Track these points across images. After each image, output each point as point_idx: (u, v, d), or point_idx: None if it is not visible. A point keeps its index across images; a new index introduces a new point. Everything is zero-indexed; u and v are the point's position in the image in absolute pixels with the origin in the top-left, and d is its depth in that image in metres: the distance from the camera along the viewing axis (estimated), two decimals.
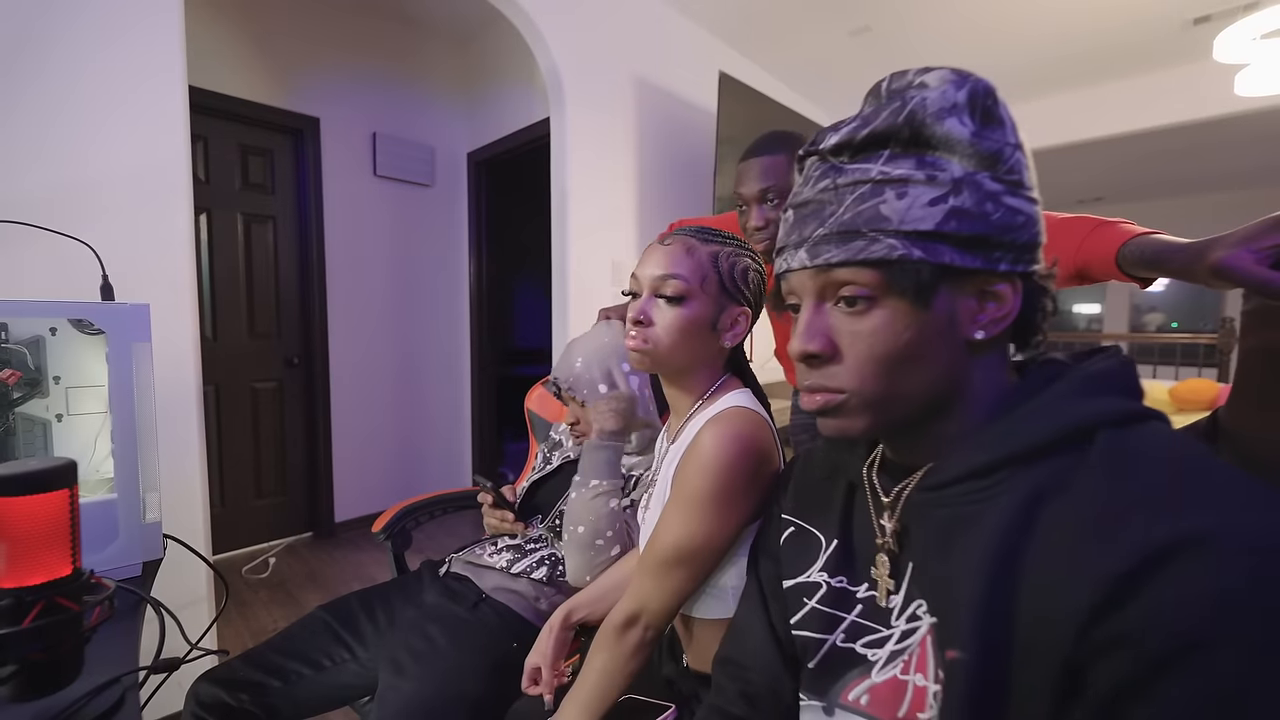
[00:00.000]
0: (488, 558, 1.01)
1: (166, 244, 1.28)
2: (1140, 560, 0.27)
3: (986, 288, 0.38)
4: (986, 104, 0.37)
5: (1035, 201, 0.39)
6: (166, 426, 0.89)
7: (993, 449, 0.36)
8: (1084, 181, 5.11)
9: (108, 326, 0.73)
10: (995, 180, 0.36)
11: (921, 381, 0.39)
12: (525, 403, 1.42)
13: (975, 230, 0.36)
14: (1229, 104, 2.76)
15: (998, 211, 0.36)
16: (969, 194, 0.36)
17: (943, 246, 0.36)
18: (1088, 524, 0.30)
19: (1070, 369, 0.38)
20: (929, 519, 0.39)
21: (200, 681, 0.83)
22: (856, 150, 0.39)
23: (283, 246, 2.54)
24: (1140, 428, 0.34)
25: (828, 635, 0.45)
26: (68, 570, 0.50)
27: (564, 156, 2.13)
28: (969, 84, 0.37)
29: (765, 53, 2.90)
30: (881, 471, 0.46)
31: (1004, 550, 0.33)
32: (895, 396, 0.39)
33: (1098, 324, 6.45)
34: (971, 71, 0.38)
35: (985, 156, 0.36)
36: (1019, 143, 0.38)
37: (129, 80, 1.22)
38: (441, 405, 3.08)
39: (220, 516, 2.32)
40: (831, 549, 0.48)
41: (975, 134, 0.36)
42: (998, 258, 0.37)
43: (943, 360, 0.38)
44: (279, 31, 2.41)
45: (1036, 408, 0.36)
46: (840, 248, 0.38)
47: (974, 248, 0.36)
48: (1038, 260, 0.39)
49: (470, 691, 0.83)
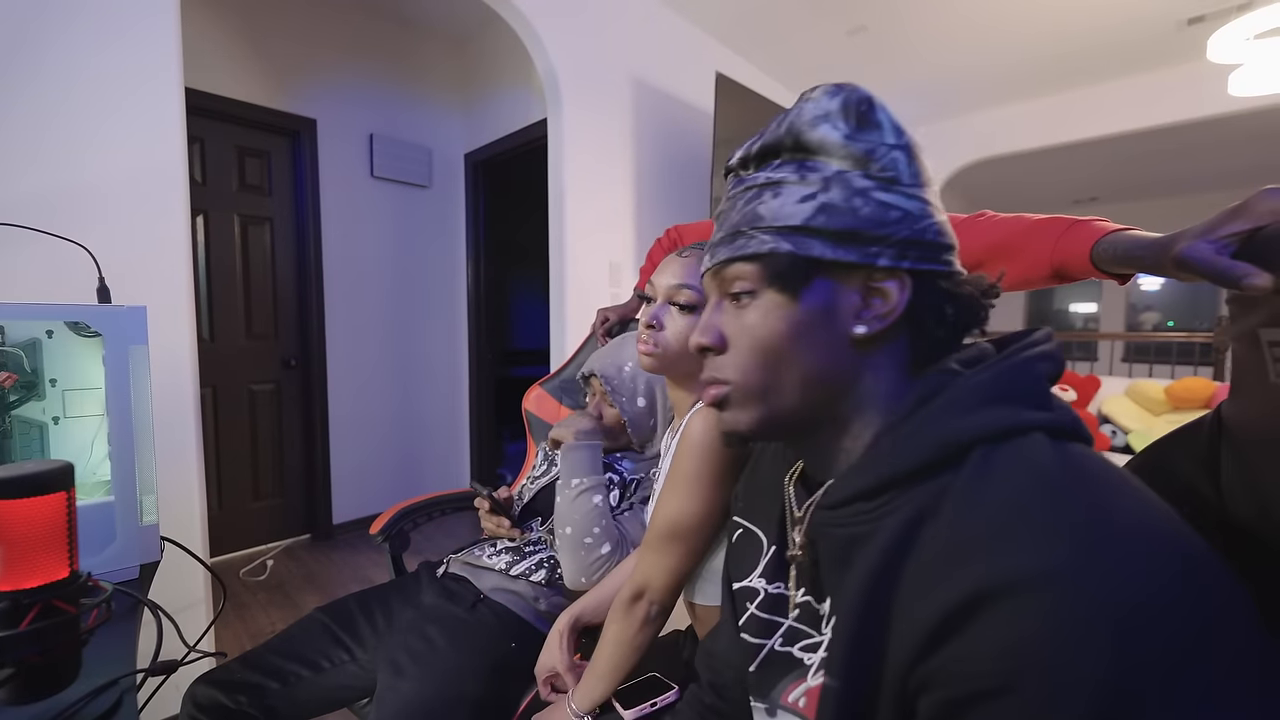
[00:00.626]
0: (486, 559, 1.01)
1: (163, 246, 1.27)
2: (956, 606, 0.28)
3: (871, 284, 0.38)
4: (861, 110, 0.39)
5: (922, 200, 0.39)
6: (164, 429, 0.89)
7: (875, 472, 0.36)
8: (1079, 181, 5.13)
9: (104, 329, 0.72)
10: (866, 177, 0.38)
11: (800, 374, 0.40)
12: (523, 404, 1.42)
13: (844, 224, 0.38)
14: (1223, 104, 2.77)
15: (867, 206, 0.38)
16: (837, 190, 0.38)
17: (812, 240, 0.38)
18: (938, 559, 0.31)
19: (956, 379, 0.37)
20: (830, 537, 0.40)
21: (198, 684, 0.83)
22: (754, 162, 0.43)
23: (280, 248, 2.54)
24: (1016, 443, 0.33)
25: (766, 640, 0.46)
26: (65, 573, 0.50)
27: (561, 158, 2.13)
28: (843, 93, 0.39)
29: (762, 53, 2.91)
30: (799, 484, 0.47)
31: (880, 578, 0.33)
32: (775, 389, 0.40)
33: (1094, 323, 6.47)
34: (855, 84, 0.40)
35: (858, 157, 0.38)
36: (900, 145, 0.39)
37: (126, 83, 1.22)
38: (439, 406, 3.08)
39: (218, 519, 2.31)
40: (770, 554, 0.49)
41: (848, 136, 0.38)
42: (874, 252, 0.38)
43: (821, 355, 0.39)
44: (276, 33, 2.41)
45: (917, 427, 0.36)
46: (727, 247, 0.42)
47: (846, 241, 0.38)
48: (938, 261, 0.39)
49: (469, 692, 0.83)
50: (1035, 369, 0.37)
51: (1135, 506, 0.29)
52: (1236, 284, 0.37)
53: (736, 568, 0.52)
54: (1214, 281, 0.39)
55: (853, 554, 0.37)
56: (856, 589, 0.34)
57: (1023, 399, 0.35)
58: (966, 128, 3.71)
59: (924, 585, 0.31)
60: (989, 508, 0.30)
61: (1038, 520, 0.28)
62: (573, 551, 0.86)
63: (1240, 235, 0.40)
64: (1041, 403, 0.35)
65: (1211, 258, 0.40)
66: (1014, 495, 0.30)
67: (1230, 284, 0.37)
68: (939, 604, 0.29)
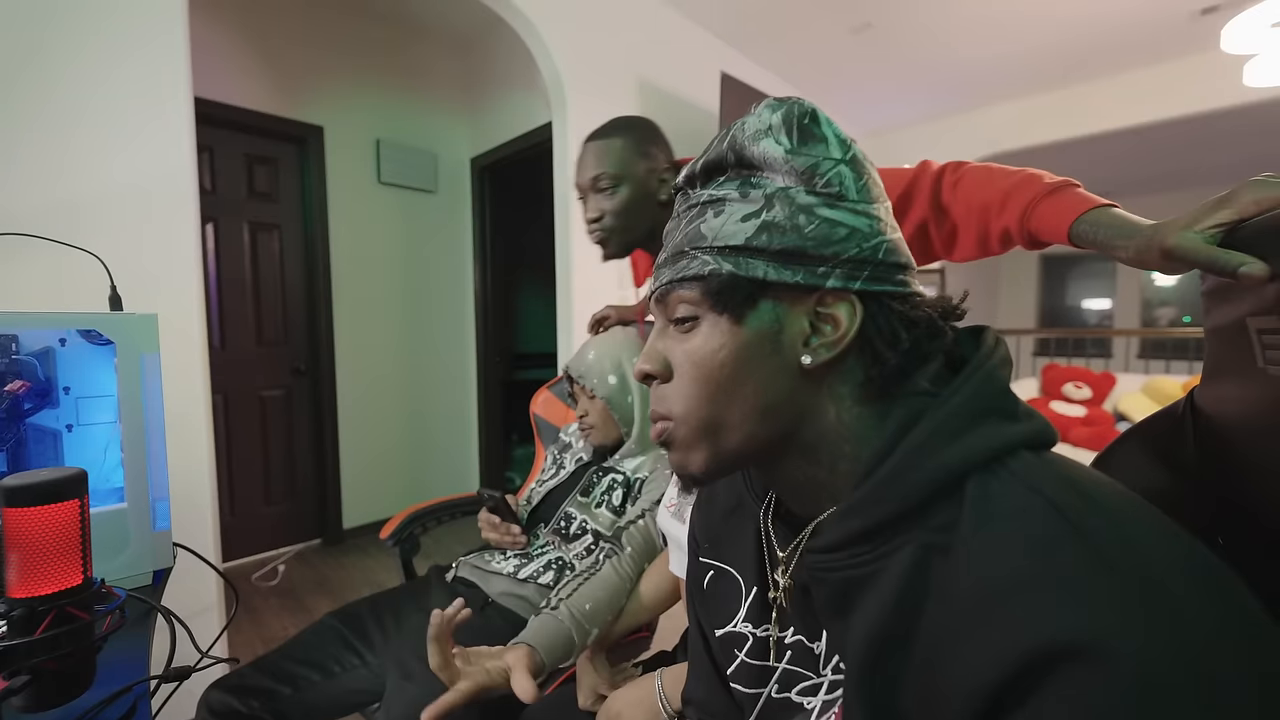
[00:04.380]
0: (495, 564, 1.01)
1: (174, 254, 1.29)
2: (1013, 671, 0.26)
3: (821, 309, 0.36)
4: (803, 123, 0.37)
5: (871, 217, 0.37)
6: (175, 435, 0.89)
7: (865, 514, 0.34)
8: (1092, 175, 5.06)
9: (117, 337, 0.73)
10: (810, 193, 0.36)
11: (745, 407, 0.37)
12: (531, 407, 1.42)
13: (788, 243, 0.36)
14: (1238, 95, 2.73)
15: (812, 223, 0.36)
16: (780, 207, 0.36)
17: (756, 261, 0.36)
18: (968, 609, 0.29)
19: (933, 404, 0.35)
20: (824, 581, 0.37)
21: (211, 689, 0.83)
22: (700, 180, 0.41)
23: (288, 254, 2.56)
24: (1007, 466, 0.32)
25: (761, 689, 0.43)
26: (79, 579, 0.50)
27: (567, 160, 2.14)
28: (784, 107, 0.38)
29: (767, 52, 2.90)
30: (778, 519, 0.44)
31: (893, 625, 0.32)
32: (720, 425, 0.38)
33: (1108, 320, 6.38)
34: (797, 98, 0.39)
35: (801, 171, 0.36)
36: (845, 159, 0.37)
37: (137, 94, 1.23)
38: (448, 410, 3.09)
39: (229, 524, 2.33)
40: (752, 597, 0.45)
41: (790, 151, 0.37)
42: (823, 273, 0.35)
43: (770, 385, 0.37)
44: (282, 42, 2.43)
45: (904, 461, 0.33)
46: (670, 269, 0.40)
47: (791, 261, 0.36)
48: (891, 281, 0.36)
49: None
50: (1000, 379, 0.36)
51: (1152, 533, 0.29)
52: (1232, 273, 0.37)
53: (715, 614, 0.49)
54: (1208, 271, 0.39)
55: (854, 598, 0.35)
56: (867, 636, 0.33)
57: (999, 414, 0.34)
58: (977, 123, 3.68)
59: (959, 636, 0.29)
60: (1015, 549, 0.29)
61: (1074, 569, 0.27)
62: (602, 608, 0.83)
63: (1226, 226, 0.40)
64: (1013, 413, 0.35)
65: (1205, 248, 0.40)
66: (1037, 535, 0.29)
67: (1225, 273, 0.37)
68: (991, 663, 0.27)
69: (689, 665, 0.56)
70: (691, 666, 0.55)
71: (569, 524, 1.01)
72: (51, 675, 0.48)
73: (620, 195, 0.89)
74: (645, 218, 0.91)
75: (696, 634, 0.53)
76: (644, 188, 0.90)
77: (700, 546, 0.53)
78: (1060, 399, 3.26)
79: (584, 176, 0.92)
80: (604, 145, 0.90)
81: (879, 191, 0.39)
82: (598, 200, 0.91)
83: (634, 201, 0.89)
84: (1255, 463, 0.36)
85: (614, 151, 0.89)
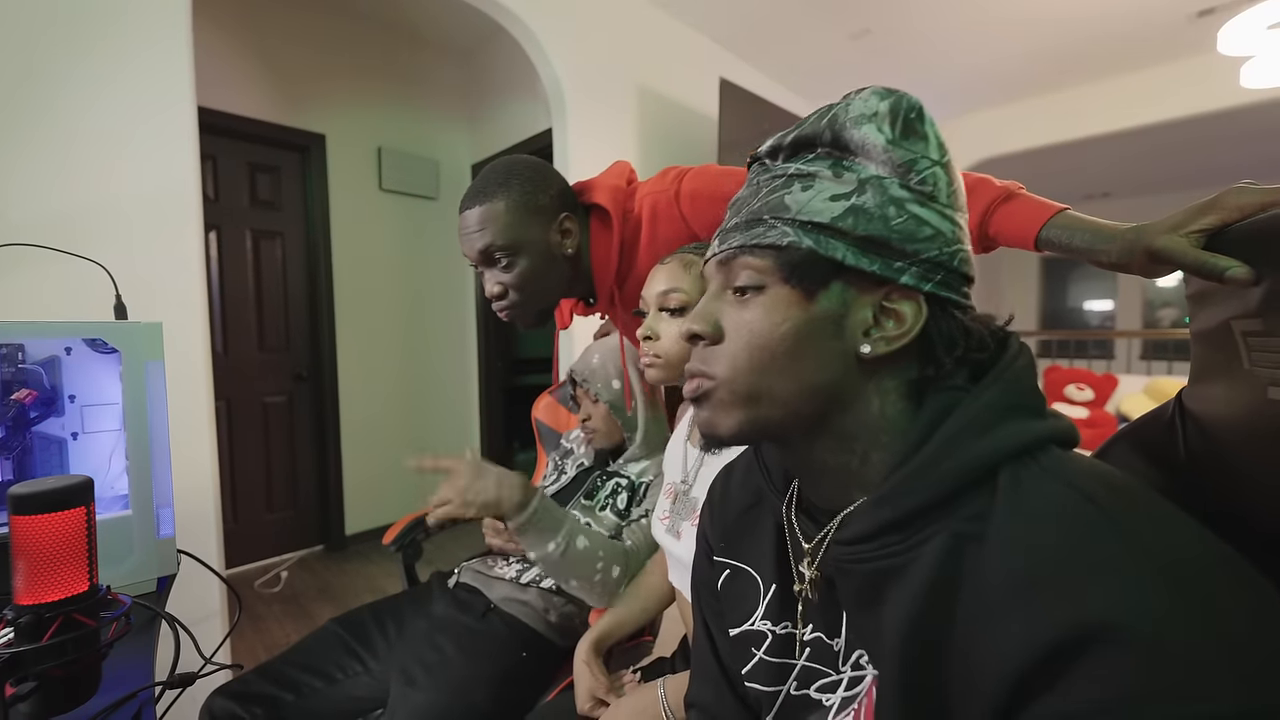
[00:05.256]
0: (498, 569, 1.01)
1: (178, 263, 1.30)
2: (1046, 652, 0.26)
3: (887, 303, 0.36)
4: (909, 117, 0.37)
5: (955, 224, 0.37)
6: (179, 442, 0.90)
7: (902, 503, 0.34)
8: (1091, 177, 5.08)
9: (122, 345, 0.74)
10: (904, 187, 0.36)
11: (794, 384, 0.37)
12: (533, 412, 1.43)
13: (873, 231, 0.36)
14: (1235, 96, 2.74)
15: (900, 217, 0.36)
16: (872, 194, 0.36)
17: (837, 242, 0.36)
18: (1004, 593, 0.29)
19: (965, 398, 0.35)
20: (852, 572, 0.37)
21: (215, 696, 0.83)
22: (785, 153, 0.40)
23: (291, 262, 2.58)
24: (1038, 459, 0.32)
25: (780, 686, 0.43)
26: (85, 586, 0.51)
27: (567, 166, 2.15)
28: (894, 97, 0.37)
29: (766, 58, 2.92)
30: (801, 512, 0.44)
31: (927, 614, 0.32)
32: (764, 394, 0.38)
33: (1110, 321, 6.38)
34: (907, 92, 0.38)
35: (899, 164, 0.36)
36: (942, 161, 0.37)
37: (141, 104, 1.24)
38: (449, 415, 3.09)
39: (232, 531, 2.34)
40: (771, 594, 0.45)
41: (891, 141, 0.36)
42: (899, 268, 0.36)
43: (823, 367, 0.37)
44: (284, 50, 2.45)
45: (936, 453, 0.34)
46: (742, 234, 0.39)
47: (871, 250, 0.36)
48: (958, 291, 0.37)
49: (480, 701, 0.83)
50: (1029, 378, 0.37)
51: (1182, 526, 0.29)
52: (1219, 277, 0.37)
53: (731, 613, 0.48)
54: (1195, 274, 0.40)
55: (884, 589, 0.35)
56: (901, 628, 0.33)
57: (1029, 410, 0.35)
58: (975, 126, 3.69)
59: (991, 622, 0.29)
60: (1049, 536, 0.29)
61: (1113, 556, 0.28)
62: (588, 593, 0.85)
63: (1210, 230, 0.40)
64: (1042, 411, 0.35)
65: (1193, 251, 0.40)
66: (1070, 522, 0.29)
67: (1212, 277, 0.38)
68: (1022, 647, 0.27)
69: (692, 669, 0.55)
70: (696, 671, 0.54)
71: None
72: (57, 682, 0.49)
73: (520, 266, 0.77)
74: (555, 279, 0.80)
75: (703, 637, 0.53)
76: (545, 250, 0.78)
77: (714, 547, 0.52)
78: (1063, 400, 3.26)
79: (471, 249, 0.78)
80: (487, 211, 0.76)
81: (963, 202, 0.39)
82: (495, 274, 0.78)
83: (537, 269, 0.78)
84: (1242, 463, 0.36)
85: (499, 217, 0.76)
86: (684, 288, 0.70)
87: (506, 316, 0.81)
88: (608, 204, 0.83)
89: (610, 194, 0.84)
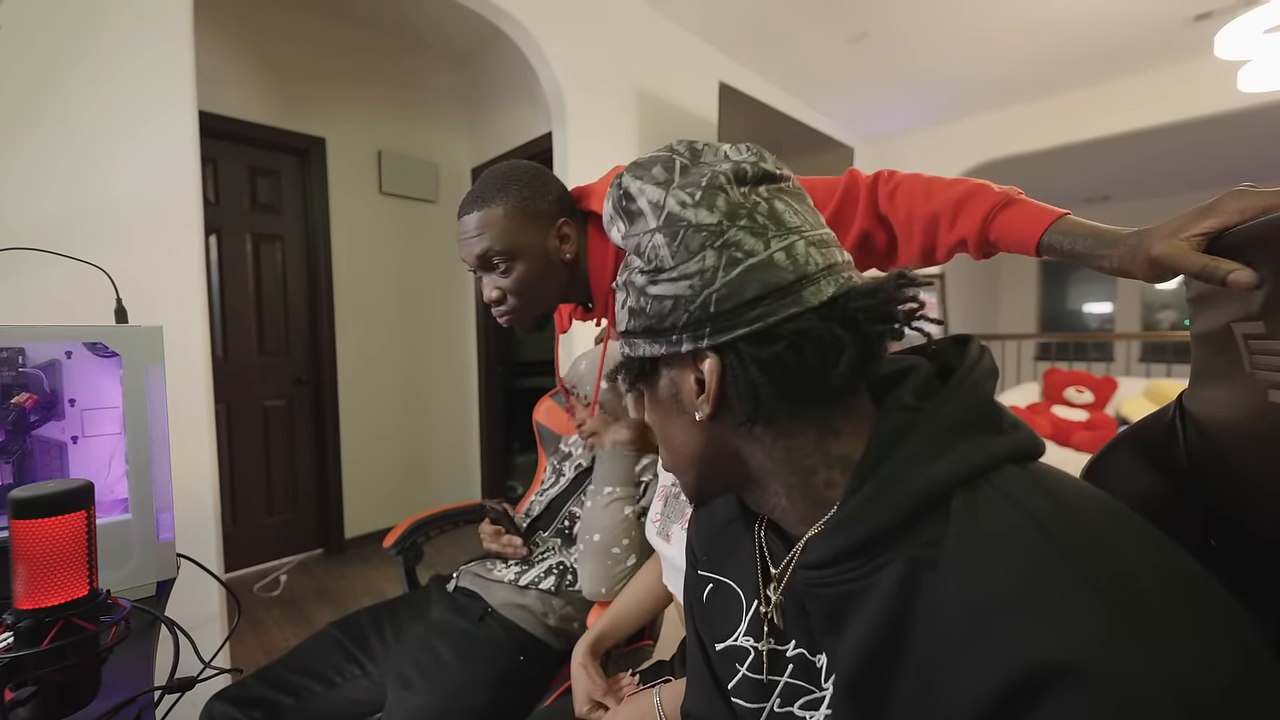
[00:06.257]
0: (497, 572, 1.01)
1: (178, 267, 1.30)
2: (999, 693, 0.27)
3: (698, 373, 0.38)
4: (623, 205, 0.39)
5: (688, 278, 0.36)
6: (179, 446, 0.90)
7: (854, 530, 0.34)
8: (1089, 181, 5.09)
9: (122, 349, 0.74)
10: (642, 273, 0.39)
11: (681, 458, 0.43)
12: (533, 415, 1.43)
13: (642, 324, 0.39)
14: (1232, 100, 2.75)
15: (647, 303, 0.39)
16: (630, 293, 0.40)
17: (636, 340, 0.40)
18: (956, 628, 0.30)
19: (918, 419, 0.35)
20: (819, 596, 0.38)
21: (214, 700, 0.83)
22: None
23: (291, 265, 2.58)
24: (992, 481, 0.32)
25: (763, 704, 0.43)
26: (85, 591, 0.51)
27: (566, 170, 2.15)
28: (613, 193, 0.40)
29: (764, 61, 2.93)
30: (771, 532, 0.45)
31: (883, 641, 0.32)
32: (678, 469, 0.44)
33: (1109, 324, 6.38)
34: (622, 170, 0.41)
35: (634, 253, 0.39)
36: (660, 225, 0.37)
37: (142, 108, 1.24)
38: (449, 418, 3.09)
39: (231, 534, 2.33)
40: (753, 610, 0.46)
41: (625, 236, 0.40)
42: (676, 340, 0.38)
43: (687, 437, 0.41)
44: (285, 55, 2.46)
45: (889, 477, 0.34)
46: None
47: (652, 337, 0.39)
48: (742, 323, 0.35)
49: (476, 704, 0.83)
50: (985, 390, 0.37)
51: (1133, 544, 0.29)
52: (1221, 280, 0.37)
53: (715, 628, 0.49)
54: (1198, 278, 0.40)
55: (847, 613, 0.35)
56: (856, 655, 0.33)
57: (983, 427, 0.35)
58: (973, 130, 3.70)
59: (950, 653, 0.30)
60: (999, 567, 0.30)
61: (1059, 587, 0.28)
62: (598, 560, 0.85)
63: (1211, 233, 0.40)
64: (998, 425, 0.36)
65: (1195, 255, 0.40)
66: (1019, 551, 0.29)
67: (1214, 280, 0.38)
68: (975, 687, 0.28)
69: (688, 678, 0.55)
70: (691, 680, 0.54)
71: (572, 524, 1.01)
72: (57, 686, 0.49)
73: (517, 271, 0.77)
74: (553, 284, 0.80)
75: (696, 647, 0.53)
76: (542, 255, 0.78)
77: (699, 559, 0.53)
78: (1062, 403, 3.26)
79: (469, 253, 0.78)
80: (484, 216, 0.76)
81: (698, 242, 0.36)
82: (493, 279, 0.79)
83: (534, 274, 0.78)
84: (1243, 467, 0.36)
85: (497, 222, 0.76)
86: None
87: (505, 321, 0.82)
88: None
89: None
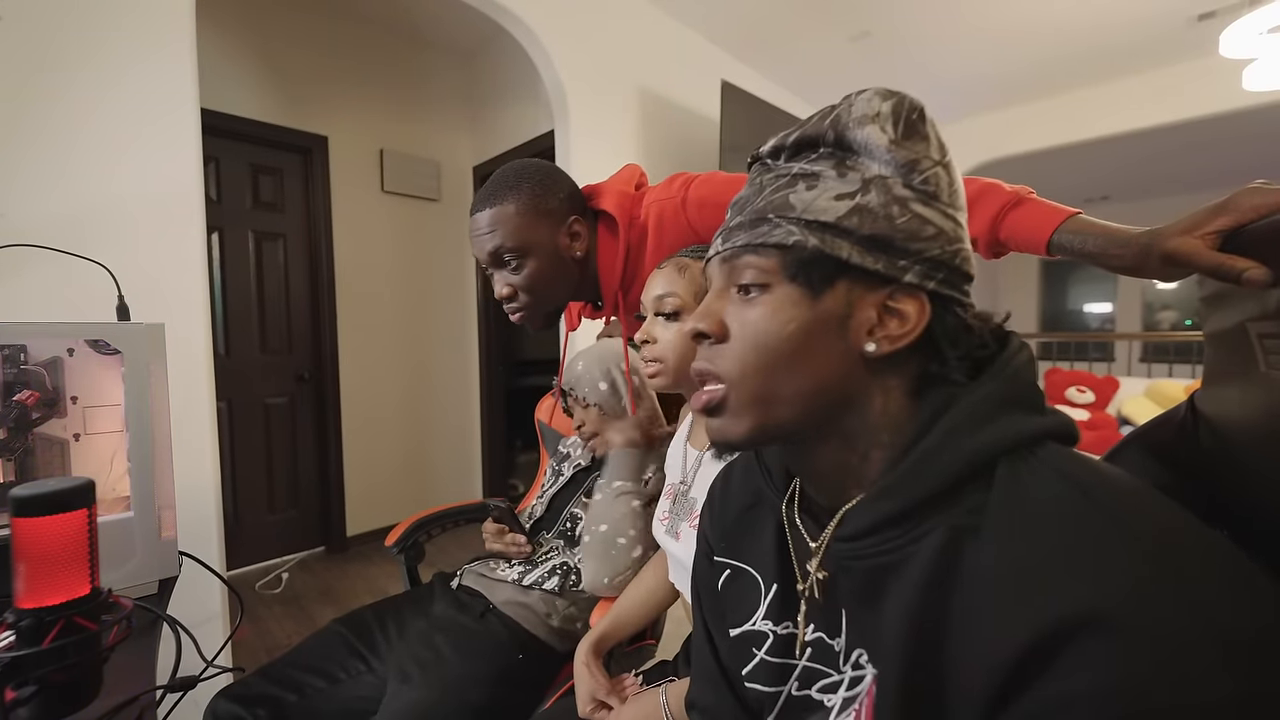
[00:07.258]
0: (500, 571, 1.01)
1: (181, 264, 1.30)
2: (1041, 638, 0.27)
3: (891, 302, 0.36)
4: (911, 118, 0.37)
5: (956, 223, 0.37)
6: (181, 444, 0.89)
7: (897, 497, 0.34)
8: (1092, 180, 5.08)
9: (124, 346, 0.74)
10: (907, 187, 0.36)
11: (803, 384, 0.37)
12: (535, 413, 1.42)
13: (877, 230, 0.36)
14: (1237, 99, 2.74)
15: (904, 216, 0.36)
16: (876, 193, 0.36)
17: (842, 241, 0.36)
18: (1002, 586, 0.29)
19: (960, 393, 0.35)
20: (852, 569, 0.37)
21: (217, 698, 0.83)
22: (788, 153, 0.41)
23: (293, 263, 2.58)
24: (1035, 453, 0.33)
25: (781, 687, 0.43)
26: (86, 589, 0.50)
27: (568, 168, 2.15)
28: (896, 98, 0.38)
29: (767, 60, 2.92)
30: (804, 511, 0.44)
31: (925, 608, 0.32)
32: (775, 397, 0.37)
33: (1110, 324, 6.37)
34: (907, 93, 0.38)
35: (902, 164, 0.37)
36: (943, 161, 0.37)
37: (145, 106, 1.24)
38: (451, 417, 3.09)
39: (233, 532, 2.33)
40: (773, 594, 0.45)
41: (894, 141, 0.37)
42: (903, 266, 0.36)
43: (829, 366, 0.37)
44: (287, 53, 2.46)
45: (934, 446, 0.34)
46: (747, 233, 0.39)
47: (876, 249, 0.36)
48: (959, 290, 0.37)
49: (474, 700, 0.83)
50: (1028, 374, 0.37)
51: (1173, 516, 0.30)
52: (1236, 278, 0.37)
53: (732, 613, 0.48)
54: (1212, 276, 0.39)
55: (884, 585, 0.35)
56: (900, 623, 0.33)
57: (1027, 406, 0.35)
58: (975, 129, 3.69)
59: (987, 614, 0.29)
60: (1044, 529, 0.29)
61: (1100, 548, 0.28)
62: (603, 551, 0.86)
63: (1225, 231, 0.40)
64: (1041, 408, 0.35)
65: (1209, 253, 0.40)
66: (1065, 515, 0.30)
67: (1229, 278, 0.38)
68: (1017, 634, 0.27)
69: (693, 671, 0.55)
70: (696, 672, 0.54)
71: (574, 525, 1.01)
72: (58, 686, 0.48)
73: (528, 268, 0.78)
74: (564, 281, 0.81)
75: (703, 638, 0.52)
76: (554, 252, 0.79)
77: (714, 547, 0.52)
78: (1064, 403, 3.25)
79: (481, 250, 0.79)
80: (497, 213, 0.77)
81: (963, 202, 0.39)
82: (504, 276, 0.79)
83: (546, 270, 0.79)
84: (1262, 464, 0.36)
85: (509, 219, 0.76)
86: (678, 292, 0.71)
87: (517, 318, 0.82)
88: (614, 210, 0.83)
89: (617, 200, 0.84)
